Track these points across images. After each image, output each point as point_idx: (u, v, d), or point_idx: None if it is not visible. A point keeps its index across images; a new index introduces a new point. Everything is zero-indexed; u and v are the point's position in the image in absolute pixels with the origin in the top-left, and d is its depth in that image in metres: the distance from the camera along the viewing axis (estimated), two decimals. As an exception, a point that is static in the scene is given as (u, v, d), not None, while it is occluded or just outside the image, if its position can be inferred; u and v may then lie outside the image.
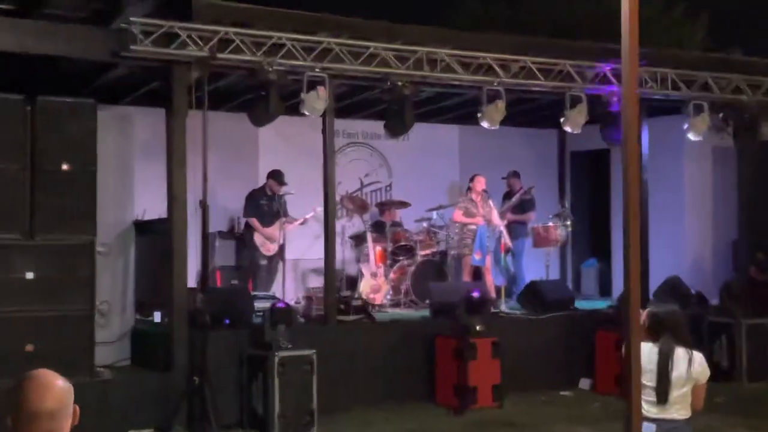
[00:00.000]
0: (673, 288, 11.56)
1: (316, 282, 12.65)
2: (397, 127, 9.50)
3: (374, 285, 11.41)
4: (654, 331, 5.31)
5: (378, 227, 12.11)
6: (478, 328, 9.23)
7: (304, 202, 11.90)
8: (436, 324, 9.77)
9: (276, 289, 11.34)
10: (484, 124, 9.73)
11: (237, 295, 9.33)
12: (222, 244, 11.78)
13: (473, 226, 11.28)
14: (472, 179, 11.50)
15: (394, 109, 9.39)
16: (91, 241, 8.20)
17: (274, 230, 11.55)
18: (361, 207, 12.36)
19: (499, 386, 9.32)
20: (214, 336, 8.44)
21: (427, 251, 12.19)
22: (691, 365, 5.21)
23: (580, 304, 11.27)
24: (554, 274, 13.87)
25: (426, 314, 10.55)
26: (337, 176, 13.03)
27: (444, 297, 10.13)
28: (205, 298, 8.28)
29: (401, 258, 12.13)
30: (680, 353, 5.21)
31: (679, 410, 5.22)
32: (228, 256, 11.98)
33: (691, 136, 10.83)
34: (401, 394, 9.41)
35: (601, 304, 11.72)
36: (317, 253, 12.53)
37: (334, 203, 9.61)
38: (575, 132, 10.22)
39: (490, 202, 11.28)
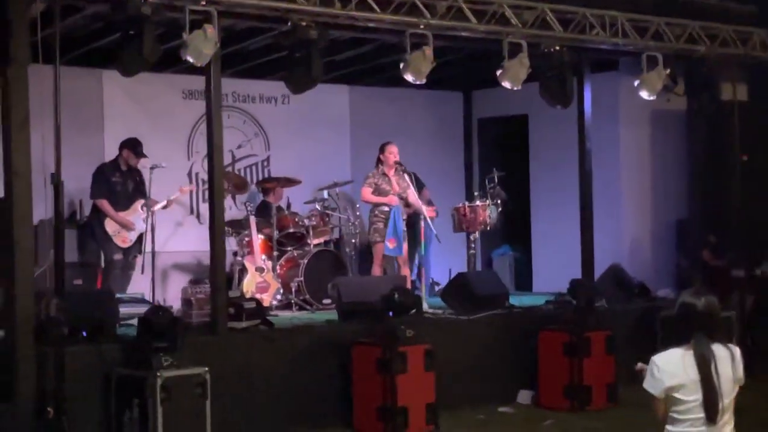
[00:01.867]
0: (615, 277, 11.14)
1: (180, 279, 11.66)
2: (301, 81, 8.62)
3: (261, 282, 10.48)
4: (684, 330, 4.78)
5: (262, 211, 11.16)
6: (407, 333, 8.42)
7: (162, 179, 10.87)
8: (349, 330, 8.93)
9: (135, 290, 10.28)
10: (408, 77, 8.95)
11: (98, 299, 8.23)
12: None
13: (386, 207, 10.48)
14: (382, 149, 10.70)
15: (297, 57, 8.48)
16: None
17: (130, 215, 10.45)
18: (239, 186, 11.40)
19: (434, 405, 8.56)
20: (70, 353, 7.37)
21: (321, 239, 11.35)
22: (734, 363, 4.76)
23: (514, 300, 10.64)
24: (457, 265, 13.28)
25: (330, 317, 9.69)
26: (202, 147, 12.16)
27: (356, 295, 9.31)
28: (62, 303, 7.16)
29: (289, 248, 11.24)
30: (721, 353, 4.73)
31: (729, 423, 4.76)
32: (68, 250, 10.74)
33: (645, 95, 10.40)
34: (311, 419, 8.58)
35: (532, 300, 11.12)
36: (181, 244, 11.59)
37: (221, 179, 8.60)
38: (515, 88, 9.53)
39: (406, 176, 10.49)
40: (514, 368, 9.84)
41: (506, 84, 9.45)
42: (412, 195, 10.42)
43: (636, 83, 10.44)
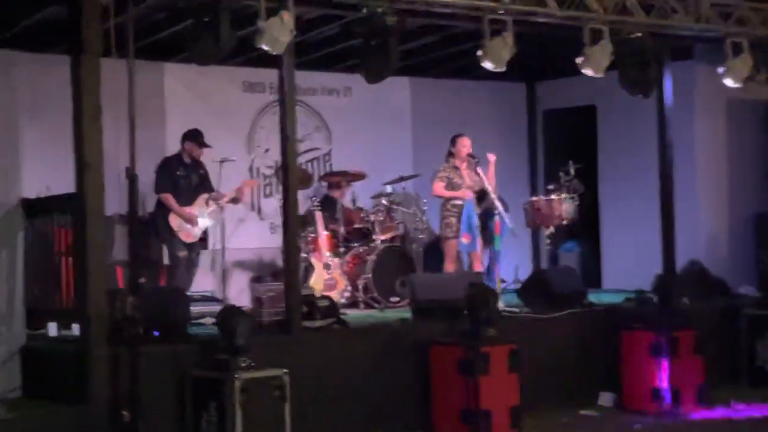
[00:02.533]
0: (695, 274, 10.80)
1: (240, 277, 11.45)
2: (377, 70, 8.34)
3: (329, 280, 10.25)
4: None
5: (327, 206, 10.91)
6: (490, 332, 8.14)
7: (223, 174, 10.65)
8: (427, 329, 8.66)
9: (197, 288, 10.07)
10: (487, 64, 8.65)
11: (169, 298, 8.00)
12: (121, 231, 10.35)
13: (458, 201, 10.20)
14: (453, 141, 10.42)
15: (372, 45, 8.22)
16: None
17: (194, 209, 10.24)
18: (302, 180, 11.11)
19: (518, 409, 8.27)
20: (144, 353, 7.16)
21: (387, 235, 11.08)
22: None
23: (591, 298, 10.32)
24: (523, 262, 12.99)
25: (402, 315, 9.43)
26: (263, 142, 12.00)
27: (432, 293, 9.03)
28: (138, 302, 6.94)
29: (355, 245, 10.99)
30: None
31: None
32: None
33: (730, 83, 10.03)
34: (389, 422, 8.33)
35: (608, 298, 10.79)
36: (242, 241, 11.36)
37: (295, 173, 8.35)
38: (597, 76, 9.19)
39: (479, 170, 10.19)
40: (594, 369, 9.55)
41: (588, 71, 9.13)
42: (489, 188, 10.09)
43: (720, 70, 10.06)
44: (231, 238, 11.35)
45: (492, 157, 10.72)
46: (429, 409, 8.44)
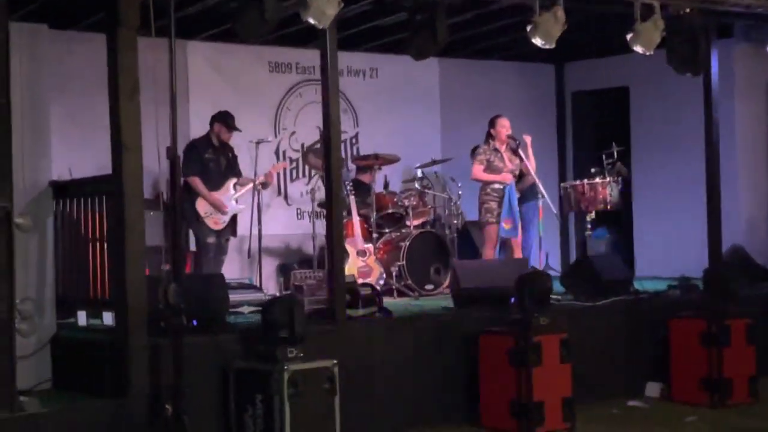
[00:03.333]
0: (740, 260, 10.50)
1: (268, 264, 11.14)
2: (424, 46, 8.02)
3: (363, 267, 9.94)
4: None
5: (359, 190, 10.58)
6: (542, 321, 7.83)
7: (250, 158, 10.38)
8: (473, 318, 8.35)
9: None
10: (537, 41, 8.32)
11: (208, 286, 7.68)
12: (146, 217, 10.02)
13: (498, 185, 9.89)
14: (492, 122, 10.11)
15: (418, 20, 7.91)
16: (6, 210, 6.45)
17: (222, 194, 9.93)
18: (333, 163, 10.76)
19: (571, 400, 7.97)
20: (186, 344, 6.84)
21: (420, 220, 10.77)
22: None
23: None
24: (553, 249, 12.70)
25: (442, 304, 9.13)
26: (289, 124, 11.69)
27: (476, 280, 8.73)
28: (181, 290, 6.61)
29: (387, 230, 10.67)
30: None
31: None
32: (154, 234, 10.24)
33: (640, 50, 9.59)
34: (436, 414, 8.06)
35: (652, 285, 10.48)
36: (269, 227, 11.04)
37: (338, 154, 8.03)
38: (647, 53, 8.87)
39: (521, 152, 9.88)
40: (641, 358, 9.25)
41: (638, 48, 8.81)
42: (531, 171, 9.79)
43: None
44: (256, 223, 11.02)
45: (528, 139, 10.44)
46: (476, 401, 8.12)
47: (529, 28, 8.39)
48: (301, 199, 11.64)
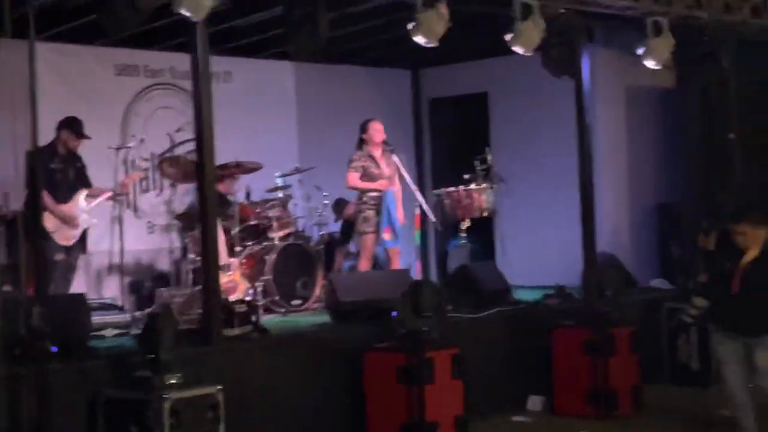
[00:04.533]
0: (613, 268, 10.37)
1: (116, 283, 10.37)
2: (306, 42, 7.52)
3: (228, 283, 9.28)
4: None
5: (219, 201, 9.91)
6: (433, 335, 7.43)
7: (93, 167, 9.69)
8: (356, 334, 7.88)
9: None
10: (420, 39, 7.93)
11: (68, 307, 6.95)
12: (-16, 231, 9.19)
13: (375, 193, 9.44)
14: (365, 128, 9.65)
15: (298, 15, 7.41)
16: None
17: (72, 208, 9.15)
18: (191, 173, 10.06)
19: (464, 419, 7.61)
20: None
21: (285, 231, 10.23)
22: None
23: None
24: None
25: (317, 320, 8.65)
26: (138, 131, 10.98)
27: (356, 294, 8.26)
28: (45, 312, 5.91)
29: (250, 243, 10.09)
30: None
31: None
32: (-4, 250, 9.41)
33: (651, 64, 9.63)
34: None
35: (527, 294, 10.23)
36: (117, 242, 10.23)
37: (211, 162, 7.43)
38: (527, 54, 8.62)
39: (394, 157, 9.48)
40: (524, 371, 8.96)
41: (518, 49, 8.54)
42: (407, 177, 9.41)
43: (640, 51, 9.64)
44: (104, 239, 10.24)
45: None
46: (363, 423, 7.64)
47: (411, 26, 7.97)
48: (151, 212, 10.93)
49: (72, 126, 9.22)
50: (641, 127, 12.24)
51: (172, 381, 6.30)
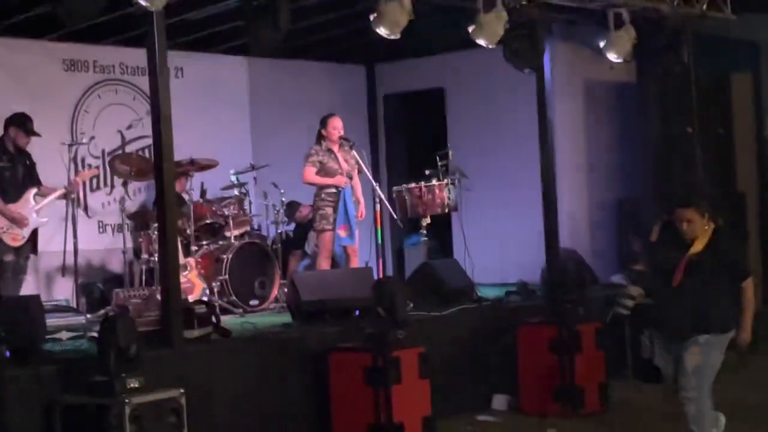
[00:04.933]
0: (575, 263, 10.28)
1: (66, 284, 10.08)
2: (266, 35, 7.31)
3: (185, 283, 9.01)
4: None
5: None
6: (399, 334, 7.26)
7: (42, 165, 9.43)
8: (319, 334, 7.69)
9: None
10: (382, 30, 7.81)
11: (20, 309, 6.68)
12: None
13: (333, 189, 9.25)
14: (324, 123, 9.44)
15: (256, 6, 7.21)
16: None
17: (21, 207, 8.86)
18: (142, 171, 9.88)
19: (431, 420, 7.43)
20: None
21: (241, 230, 10.03)
22: None
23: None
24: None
25: (282, 320, 8.44)
26: (88, 128, 10.73)
27: (318, 293, 8.07)
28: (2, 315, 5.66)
29: (206, 242, 9.86)
30: None
31: None
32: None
33: (613, 57, 9.59)
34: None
35: (488, 291, 10.08)
36: (68, 242, 9.97)
37: (171, 160, 7.20)
38: (489, 46, 8.51)
39: (354, 153, 9.31)
40: (488, 369, 8.81)
41: (481, 41, 8.45)
42: (367, 170, 9.24)
43: (602, 44, 9.60)
44: (54, 239, 9.94)
45: None
46: (329, 425, 7.45)
47: (372, 17, 7.81)
48: (103, 211, 10.67)
49: (21, 123, 8.94)
50: (600, 121, 12.18)
51: (133, 385, 6.06)
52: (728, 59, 11.73)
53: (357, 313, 8.10)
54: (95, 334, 6.42)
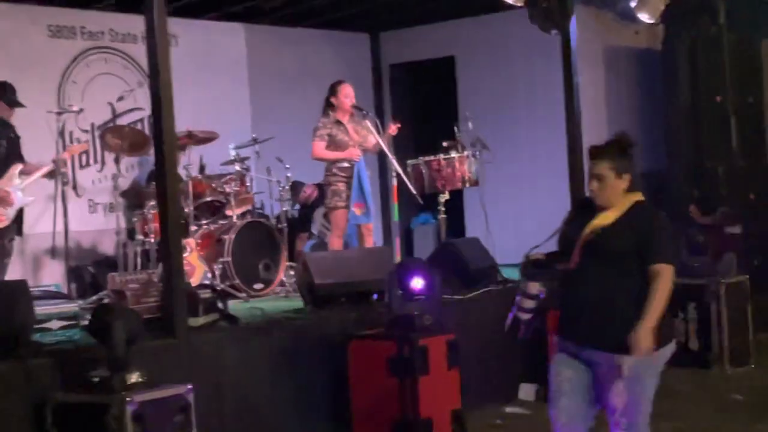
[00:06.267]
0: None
1: (55, 268, 9.46)
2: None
3: (184, 266, 8.35)
4: None
5: (164, 175, 9.02)
6: (426, 320, 6.64)
7: (27, 139, 8.79)
8: (339, 320, 7.07)
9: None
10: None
11: (10, 295, 6.03)
12: None
13: (346, 164, 8.59)
14: (333, 90, 8.75)
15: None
16: None
17: (5, 184, 8.22)
18: (137, 145, 9.23)
19: (460, 413, 6.82)
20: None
21: (244, 208, 9.38)
22: None
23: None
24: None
25: (292, 305, 7.81)
26: (76, 99, 10.10)
27: (333, 276, 7.43)
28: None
29: (205, 222, 9.22)
30: None
31: None
32: None
33: (645, 17, 8.99)
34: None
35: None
36: (57, 223, 9.31)
37: (172, 132, 6.54)
38: (517, 4, 7.87)
39: (368, 122, 8.66)
40: (515, 356, 8.19)
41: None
42: (379, 144, 8.60)
43: (633, 4, 8.95)
44: (41, 221, 9.30)
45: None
46: (348, 420, 6.83)
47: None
48: (93, 189, 10.03)
49: (3, 93, 8.28)
50: (622, 90, 11.58)
51: (134, 380, 5.41)
52: (759, 23, 11.08)
53: (375, 296, 7.46)
54: (88, 323, 5.75)
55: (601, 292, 4.73)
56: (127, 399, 5.27)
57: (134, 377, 5.45)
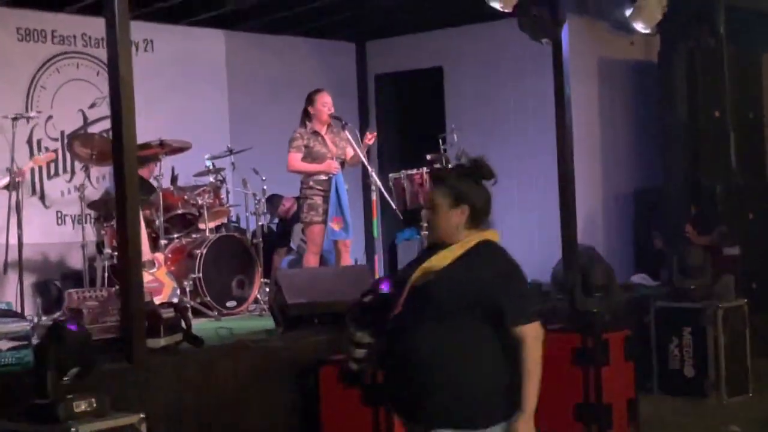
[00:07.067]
0: (594, 261, 9.30)
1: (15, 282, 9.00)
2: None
3: (151, 282, 8.03)
4: None
5: (141, 187, 8.63)
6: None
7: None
8: (312, 343, 6.68)
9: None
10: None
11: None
12: None
13: (322, 176, 8.21)
14: (311, 99, 8.39)
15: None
16: None
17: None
18: (108, 153, 8.71)
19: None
20: None
21: (217, 222, 9.02)
22: None
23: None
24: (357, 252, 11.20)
25: (264, 326, 7.43)
26: (45, 106, 9.75)
27: (308, 294, 7.05)
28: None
29: (177, 235, 8.84)
30: None
31: None
32: None
33: (640, 27, 8.67)
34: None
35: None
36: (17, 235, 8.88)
37: (132, 142, 6.15)
38: (505, 10, 7.55)
39: (346, 133, 8.28)
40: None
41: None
42: (358, 156, 8.24)
43: (628, 13, 8.60)
44: (3, 232, 8.90)
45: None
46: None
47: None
48: (62, 200, 9.66)
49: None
50: (616, 103, 11.23)
51: (82, 408, 5.00)
52: (760, 37, 10.76)
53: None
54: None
55: (427, 351, 3.92)
56: (72, 429, 4.85)
57: (83, 405, 5.04)
